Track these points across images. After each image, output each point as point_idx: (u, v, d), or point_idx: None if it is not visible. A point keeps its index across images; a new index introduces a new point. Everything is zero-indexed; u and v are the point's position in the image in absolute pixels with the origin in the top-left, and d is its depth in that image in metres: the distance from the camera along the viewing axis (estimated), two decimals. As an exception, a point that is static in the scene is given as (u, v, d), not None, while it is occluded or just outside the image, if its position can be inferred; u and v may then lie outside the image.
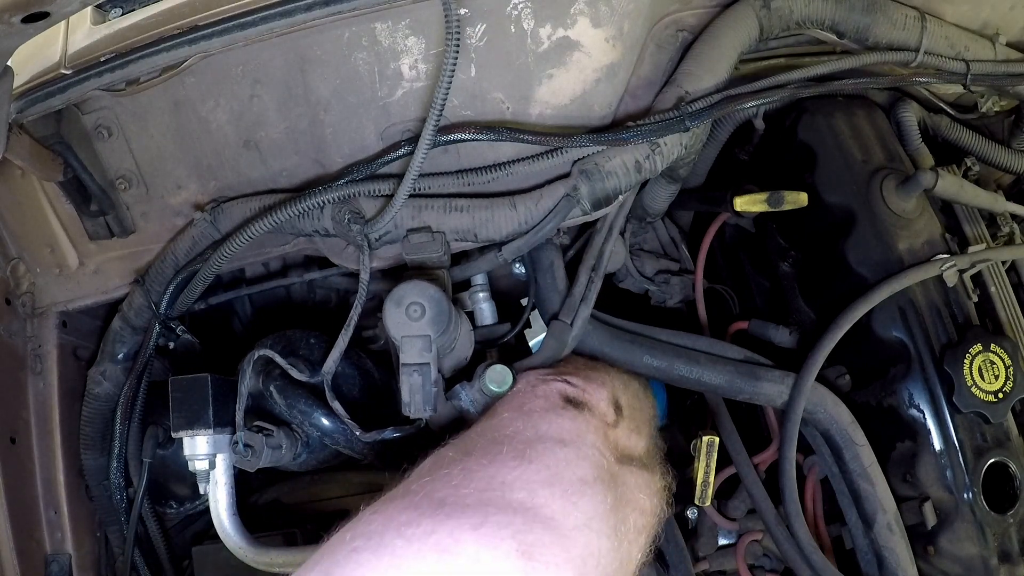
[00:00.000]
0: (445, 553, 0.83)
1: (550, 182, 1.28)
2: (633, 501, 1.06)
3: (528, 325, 1.47)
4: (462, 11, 1.15)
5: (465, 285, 1.47)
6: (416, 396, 1.16)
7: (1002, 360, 1.29)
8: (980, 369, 1.28)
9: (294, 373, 1.29)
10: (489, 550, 0.84)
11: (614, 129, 1.26)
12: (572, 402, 1.14)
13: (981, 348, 1.28)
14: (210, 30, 1.12)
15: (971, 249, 1.41)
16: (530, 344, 1.48)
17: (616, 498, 1.01)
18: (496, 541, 0.85)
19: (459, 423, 1.36)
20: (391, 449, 1.44)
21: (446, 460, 1.00)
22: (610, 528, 0.97)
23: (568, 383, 1.18)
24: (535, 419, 1.08)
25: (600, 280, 1.36)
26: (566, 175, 1.28)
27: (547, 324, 1.40)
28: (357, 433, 1.28)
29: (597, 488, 0.99)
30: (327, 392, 1.26)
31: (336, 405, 1.26)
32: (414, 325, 1.15)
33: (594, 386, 1.19)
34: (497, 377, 1.22)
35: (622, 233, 1.55)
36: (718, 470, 1.39)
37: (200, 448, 1.33)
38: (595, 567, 0.92)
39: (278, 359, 1.30)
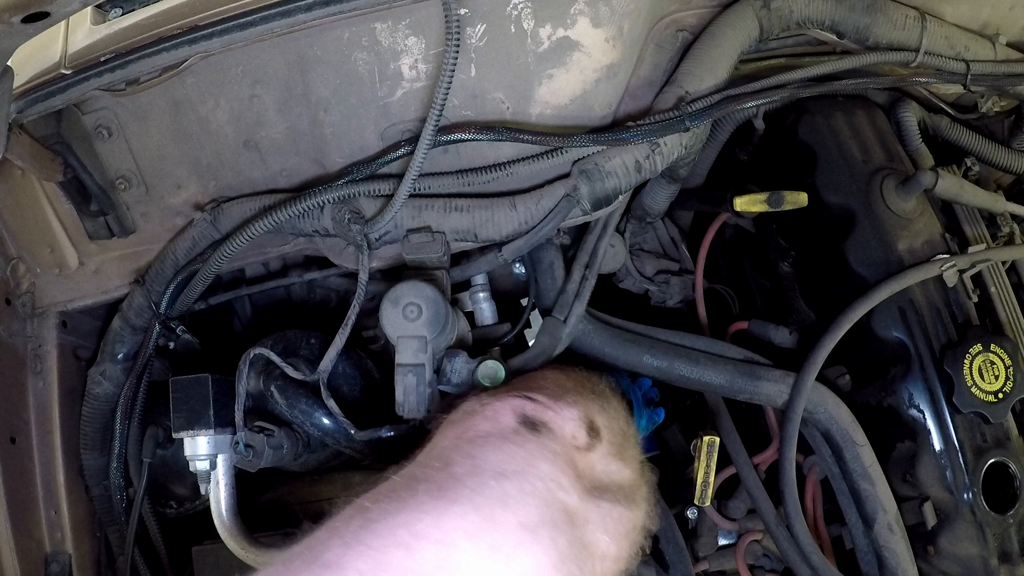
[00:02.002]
0: None
1: (550, 182, 1.28)
2: (594, 545, 0.88)
3: (528, 325, 1.47)
4: (462, 11, 1.15)
5: (465, 285, 1.47)
6: (410, 397, 1.16)
7: (1002, 360, 1.29)
8: (980, 369, 1.28)
9: (291, 372, 1.29)
10: None
11: (614, 129, 1.26)
12: (528, 422, 0.95)
13: (981, 348, 1.28)
14: (210, 30, 1.12)
15: (971, 249, 1.41)
16: (530, 344, 1.48)
17: (571, 543, 0.83)
18: None
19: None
20: (392, 449, 1.44)
21: (354, 506, 0.82)
22: None
23: (529, 399, 1.00)
24: (474, 447, 0.89)
25: (594, 277, 1.36)
26: (566, 175, 1.28)
27: (544, 322, 1.40)
28: (352, 431, 1.28)
29: (543, 535, 0.80)
30: (322, 390, 1.26)
31: (331, 403, 1.26)
32: (410, 326, 1.15)
33: (562, 404, 1.01)
34: (489, 372, 1.21)
35: (622, 233, 1.55)
36: (718, 470, 1.39)
37: (201, 448, 1.33)
38: None
39: (274, 357, 1.30)
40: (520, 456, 0.87)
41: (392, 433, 1.31)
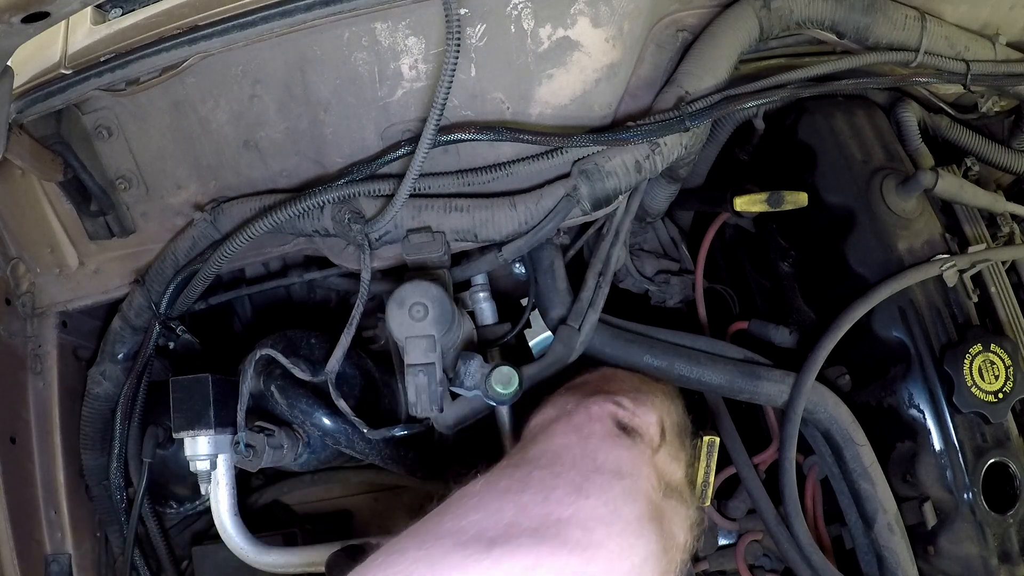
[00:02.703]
0: None
1: (550, 182, 1.28)
2: (674, 539, 1.02)
3: (528, 325, 1.47)
4: (462, 11, 1.15)
5: (465, 285, 1.47)
6: (422, 396, 1.16)
7: (1002, 360, 1.29)
8: (980, 369, 1.28)
9: (297, 372, 1.30)
10: None
11: (614, 129, 1.26)
12: (624, 428, 1.08)
13: (981, 348, 1.28)
14: (210, 30, 1.12)
15: (971, 249, 1.41)
16: (530, 344, 1.48)
17: (664, 537, 0.97)
18: None
19: (466, 421, 1.36)
20: (392, 448, 1.44)
21: (499, 490, 0.95)
22: (661, 571, 0.94)
23: (619, 406, 1.12)
24: (592, 447, 1.03)
25: (608, 285, 1.36)
26: (566, 175, 1.28)
27: (547, 325, 1.40)
28: (364, 431, 1.28)
29: (651, 527, 0.95)
30: (332, 391, 1.25)
31: (342, 404, 1.26)
32: (417, 326, 1.15)
33: (644, 409, 1.14)
34: (503, 378, 1.21)
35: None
36: (718, 470, 1.39)
37: (201, 448, 1.33)
38: None
39: (281, 358, 1.30)
40: (629, 459, 1.02)
41: (406, 432, 1.32)
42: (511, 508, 0.90)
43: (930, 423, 1.28)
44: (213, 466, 1.35)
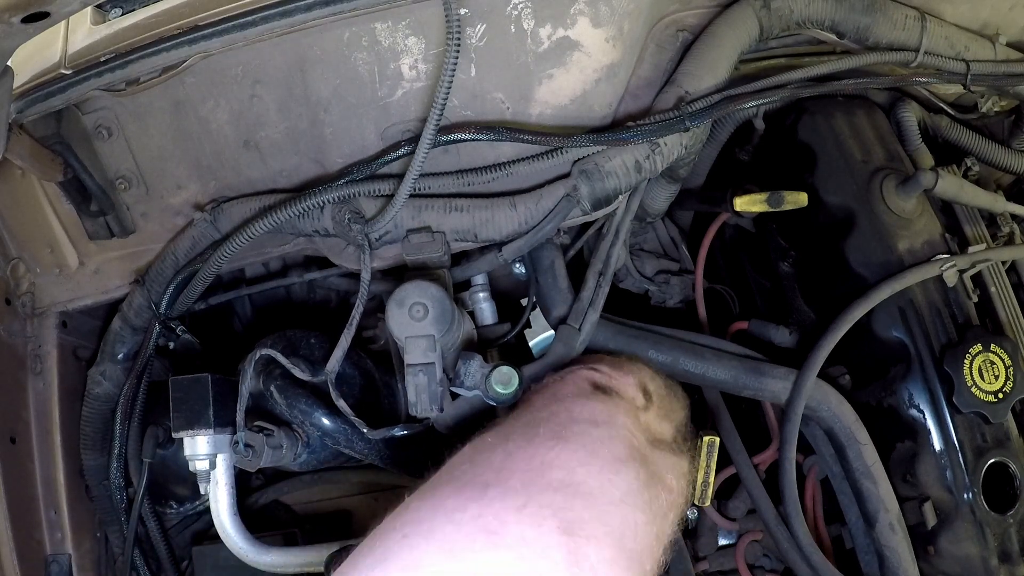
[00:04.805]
0: (493, 535, 0.87)
1: (550, 182, 1.28)
2: (663, 480, 1.09)
3: (528, 325, 1.47)
4: (462, 11, 1.15)
5: (465, 285, 1.47)
6: (422, 396, 1.16)
7: (1002, 360, 1.29)
8: (980, 369, 1.28)
9: (297, 372, 1.29)
10: (533, 528, 0.88)
11: (614, 129, 1.26)
12: (601, 388, 1.16)
13: (981, 348, 1.28)
14: (210, 30, 1.12)
15: (971, 249, 1.41)
16: (530, 344, 1.48)
17: (648, 475, 1.04)
18: (539, 520, 0.88)
19: (465, 421, 1.36)
20: (392, 449, 1.44)
21: (486, 445, 1.03)
22: (644, 503, 1.00)
23: (595, 370, 1.21)
24: (567, 403, 1.12)
25: (608, 284, 1.36)
26: (566, 175, 1.28)
27: (548, 325, 1.40)
28: (364, 431, 1.28)
29: (631, 465, 1.02)
30: (332, 391, 1.25)
31: (342, 404, 1.26)
32: (417, 325, 1.15)
33: (621, 373, 1.22)
34: (503, 378, 1.21)
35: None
36: (718, 470, 1.39)
37: (201, 448, 1.33)
38: (632, 539, 0.95)
39: (280, 358, 1.30)
40: (603, 411, 1.10)
41: (405, 432, 1.32)
42: (499, 456, 0.99)
43: (930, 423, 1.28)
44: (212, 466, 1.35)
